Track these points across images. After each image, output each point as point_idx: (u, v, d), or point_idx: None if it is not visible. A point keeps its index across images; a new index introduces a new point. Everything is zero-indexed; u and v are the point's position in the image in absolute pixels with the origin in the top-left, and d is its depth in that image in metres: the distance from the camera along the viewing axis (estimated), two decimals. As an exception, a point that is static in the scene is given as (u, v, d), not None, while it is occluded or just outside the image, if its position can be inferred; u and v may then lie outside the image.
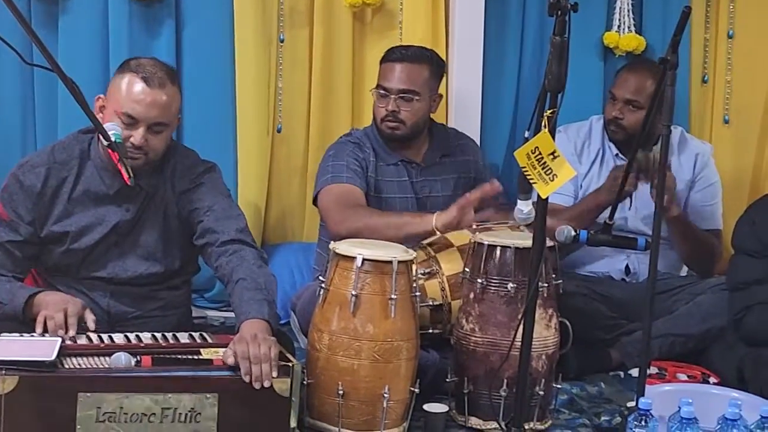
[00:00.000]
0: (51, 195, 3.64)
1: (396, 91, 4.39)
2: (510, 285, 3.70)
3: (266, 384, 3.01)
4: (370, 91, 4.58)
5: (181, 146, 3.86)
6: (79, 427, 2.90)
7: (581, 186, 4.72)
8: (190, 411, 2.97)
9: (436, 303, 3.97)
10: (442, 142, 4.62)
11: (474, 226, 3.98)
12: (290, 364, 3.08)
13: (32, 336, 3.23)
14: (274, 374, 3.03)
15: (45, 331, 3.31)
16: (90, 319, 3.38)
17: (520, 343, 3.29)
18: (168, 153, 3.71)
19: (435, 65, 4.51)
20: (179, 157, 3.76)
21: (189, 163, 3.77)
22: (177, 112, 3.67)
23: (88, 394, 2.91)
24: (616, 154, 4.73)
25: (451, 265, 4.01)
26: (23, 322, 3.40)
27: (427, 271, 3.98)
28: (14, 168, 3.69)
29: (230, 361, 3.06)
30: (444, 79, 4.75)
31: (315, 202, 4.45)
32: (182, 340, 3.35)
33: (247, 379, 3.00)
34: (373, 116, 4.52)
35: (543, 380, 3.74)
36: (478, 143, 4.88)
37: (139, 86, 3.52)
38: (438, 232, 4.04)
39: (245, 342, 3.07)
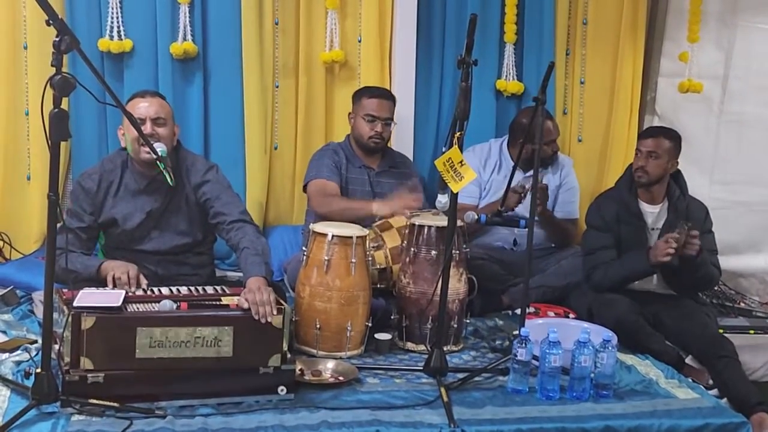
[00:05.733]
0: (103, 193, 3.64)
1: (383, 119, 4.43)
2: (433, 252, 3.71)
3: (269, 319, 3.00)
4: (348, 114, 4.58)
5: (191, 153, 3.83)
6: (137, 350, 2.88)
7: (485, 188, 4.68)
8: (214, 339, 2.94)
9: (381, 267, 3.95)
10: (390, 157, 4.63)
11: (409, 213, 3.99)
12: (283, 307, 3.07)
13: (105, 289, 3.21)
14: (274, 312, 3.02)
15: (114, 285, 3.32)
16: (143, 280, 3.39)
17: (440, 292, 3.29)
18: (182, 158, 3.72)
19: (395, 101, 4.57)
20: (189, 161, 3.75)
21: (198, 164, 3.76)
22: (170, 116, 3.66)
23: (144, 329, 2.88)
24: (514, 165, 4.71)
25: (391, 239, 3.99)
26: (98, 281, 3.38)
27: (375, 245, 3.96)
28: (78, 177, 3.73)
29: (245, 306, 3.04)
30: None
31: (305, 189, 4.46)
32: (209, 291, 3.32)
33: (256, 317, 2.99)
34: (354, 134, 4.51)
35: (456, 317, 3.76)
36: (412, 156, 4.88)
37: (139, 99, 3.60)
38: (377, 217, 4.13)
39: (253, 292, 3.06)
